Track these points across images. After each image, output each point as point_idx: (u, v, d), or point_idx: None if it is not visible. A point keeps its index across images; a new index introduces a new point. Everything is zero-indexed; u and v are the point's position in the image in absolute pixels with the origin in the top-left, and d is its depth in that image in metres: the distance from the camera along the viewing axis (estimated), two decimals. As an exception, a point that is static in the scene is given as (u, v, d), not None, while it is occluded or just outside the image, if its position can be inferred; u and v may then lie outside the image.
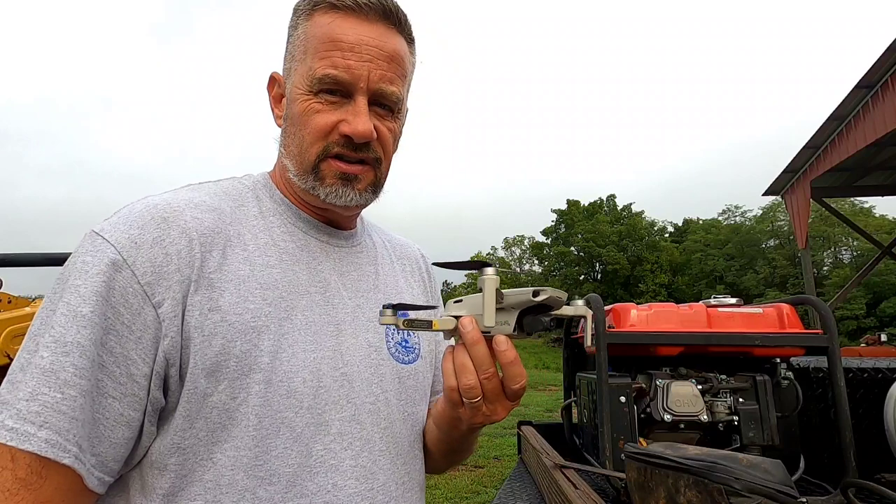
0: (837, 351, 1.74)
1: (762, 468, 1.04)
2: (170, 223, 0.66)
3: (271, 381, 0.67)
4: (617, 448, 1.68)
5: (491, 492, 5.23)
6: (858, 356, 2.96)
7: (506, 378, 0.65)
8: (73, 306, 0.59)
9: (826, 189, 10.26)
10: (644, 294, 39.89)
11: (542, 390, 13.79)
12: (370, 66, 0.72)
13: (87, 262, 0.62)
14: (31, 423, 0.55)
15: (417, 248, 1.04)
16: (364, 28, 0.73)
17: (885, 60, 6.85)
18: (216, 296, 0.66)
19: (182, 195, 0.72)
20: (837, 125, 8.28)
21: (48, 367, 0.57)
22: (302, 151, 0.75)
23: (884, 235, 24.10)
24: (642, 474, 1.19)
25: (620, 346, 1.83)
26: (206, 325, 0.65)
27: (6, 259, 2.13)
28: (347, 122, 0.72)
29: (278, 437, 0.67)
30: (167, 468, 0.64)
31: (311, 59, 0.73)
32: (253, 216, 0.76)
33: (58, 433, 0.56)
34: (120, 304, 0.61)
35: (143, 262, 0.63)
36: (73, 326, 0.58)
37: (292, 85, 0.76)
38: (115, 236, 0.64)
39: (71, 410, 0.57)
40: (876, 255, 11.56)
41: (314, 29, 0.74)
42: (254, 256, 0.72)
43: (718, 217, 48.12)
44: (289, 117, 0.77)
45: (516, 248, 52.91)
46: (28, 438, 0.55)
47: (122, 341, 0.61)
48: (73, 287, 0.60)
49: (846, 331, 29.31)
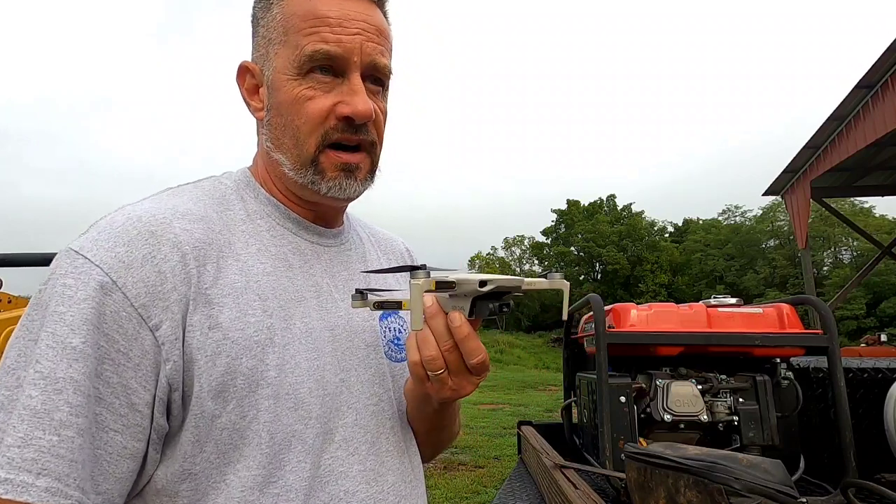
0: (837, 351, 1.74)
1: (762, 468, 1.04)
2: (159, 237, 0.61)
3: (279, 395, 0.65)
4: (617, 448, 1.68)
5: (491, 492, 5.23)
6: (858, 356, 2.96)
7: (464, 354, 0.64)
8: (60, 337, 0.54)
9: (826, 189, 10.27)
10: (644, 294, 39.89)
11: (542, 390, 13.80)
12: (361, 38, 0.68)
13: (69, 285, 0.56)
14: (27, 471, 0.51)
15: (402, 241, 1.01)
16: (347, 3, 0.69)
17: (885, 60, 6.85)
18: (215, 312, 0.62)
19: (165, 203, 0.66)
20: (837, 125, 8.28)
21: (40, 408, 0.52)
22: (298, 143, 0.70)
23: (884, 235, 24.09)
24: (642, 474, 1.19)
25: (620, 346, 1.83)
26: (209, 344, 0.61)
27: (6, 259, 2.13)
28: (345, 103, 0.68)
29: (290, 451, 0.65)
30: (178, 495, 0.61)
31: (295, 39, 0.68)
32: (240, 220, 0.72)
33: (58, 479, 0.51)
34: (113, 330, 0.57)
35: (134, 283, 0.58)
36: (62, 360, 0.53)
37: (274, 71, 0.71)
38: (99, 255, 0.58)
39: (69, 453, 0.52)
40: (876, 255, 11.57)
41: (292, 7, 0.69)
42: (248, 266, 0.68)
43: (718, 217, 48.12)
44: (274, 107, 0.72)
45: (516, 248, 52.93)
46: (26, 489, 0.50)
47: (120, 370, 0.57)
48: (57, 315, 0.55)
49: (846, 331, 29.30)
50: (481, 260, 52.09)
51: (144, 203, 0.66)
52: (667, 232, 50.31)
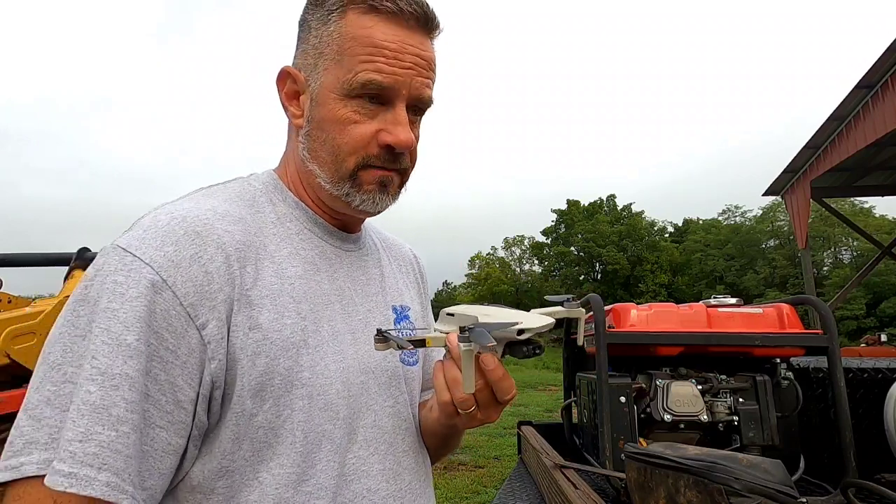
0: (837, 351, 1.74)
1: (762, 468, 1.04)
2: (204, 238, 0.63)
3: (312, 395, 0.67)
4: (617, 448, 1.68)
5: (491, 492, 5.23)
6: (858, 356, 2.96)
7: (497, 392, 0.67)
8: (115, 334, 0.55)
9: (826, 189, 10.27)
10: (644, 294, 39.89)
11: (542, 390, 13.80)
12: (412, 73, 0.71)
13: (119, 282, 0.57)
14: (90, 465, 0.52)
15: (409, 248, 1.04)
16: (405, 34, 0.71)
17: (885, 60, 6.85)
18: (255, 314, 0.64)
19: (203, 204, 0.68)
20: (837, 125, 8.28)
21: (98, 404, 0.53)
22: (337, 160, 0.72)
23: (884, 235, 24.09)
24: (642, 474, 1.19)
25: (620, 346, 1.83)
26: (249, 344, 0.63)
27: (6, 259, 2.13)
28: (388, 132, 0.71)
29: (321, 450, 0.67)
30: (214, 491, 0.62)
31: (349, 62, 0.69)
32: (271, 222, 0.73)
33: (116, 474, 0.53)
34: (164, 328, 0.58)
35: (184, 283, 0.59)
36: (118, 357, 0.54)
37: (320, 85, 0.72)
38: (148, 254, 0.59)
39: (125, 448, 0.54)
40: (876, 255, 11.56)
41: (351, 29, 0.70)
42: (282, 268, 0.70)
43: (718, 217, 48.10)
44: (315, 119, 0.73)
45: (516, 248, 52.91)
46: (90, 483, 0.52)
47: (168, 367, 0.58)
48: (110, 311, 0.56)
49: (846, 331, 29.30)
50: (481, 260, 52.09)
51: (184, 203, 0.68)
52: (667, 232, 50.28)
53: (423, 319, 0.95)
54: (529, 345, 0.66)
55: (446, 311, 0.71)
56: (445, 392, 0.68)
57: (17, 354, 1.64)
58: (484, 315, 0.67)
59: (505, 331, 0.64)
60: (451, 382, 0.68)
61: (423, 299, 0.99)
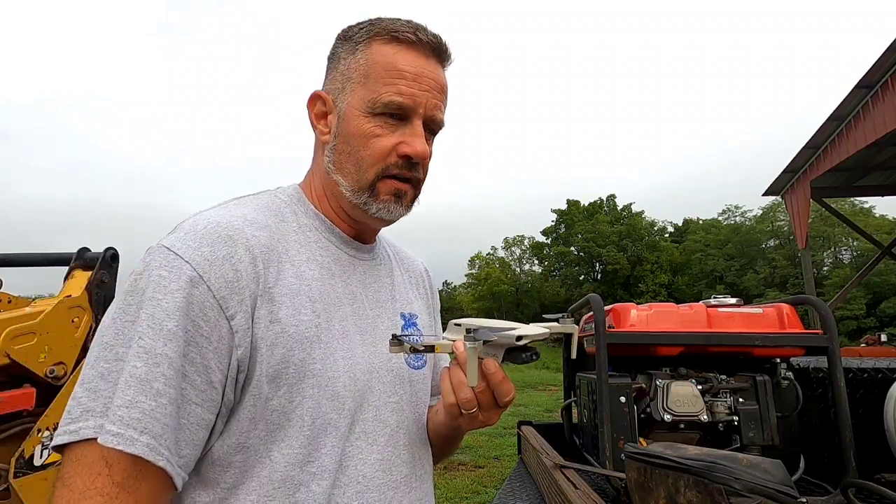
0: (837, 351, 1.74)
1: (762, 468, 1.04)
2: (235, 241, 0.72)
3: (321, 385, 0.74)
4: (617, 448, 1.68)
5: (491, 492, 5.23)
6: (858, 356, 2.96)
7: (497, 395, 0.76)
8: (158, 320, 0.64)
9: (826, 189, 10.27)
10: (644, 294, 39.88)
11: (542, 390, 13.79)
12: (428, 95, 0.81)
13: (163, 276, 0.66)
14: (134, 428, 0.60)
15: (421, 262, 1.12)
16: (423, 61, 0.81)
17: (885, 60, 6.85)
18: (276, 309, 0.72)
19: (235, 212, 0.77)
20: (837, 125, 8.28)
21: (143, 377, 0.62)
22: (360, 170, 0.81)
23: (884, 235, 24.09)
24: (642, 474, 1.19)
25: (620, 346, 1.83)
26: (269, 335, 0.71)
27: (6, 259, 2.13)
28: (407, 144, 0.80)
29: (327, 436, 0.74)
30: (232, 465, 0.70)
31: (373, 84, 0.79)
32: (293, 231, 0.82)
33: (154, 438, 0.61)
34: (199, 317, 0.66)
35: (217, 279, 0.68)
36: (160, 339, 0.63)
37: (347, 105, 0.81)
38: (188, 253, 0.68)
39: (164, 417, 0.62)
40: (876, 255, 11.56)
41: (376, 56, 0.80)
42: (301, 270, 0.78)
43: (718, 217, 48.09)
44: (342, 135, 0.82)
45: (516, 248, 52.89)
46: (133, 443, 0.60)
47: (203, 352, 0.67)
48: (153, 300, 0.65)
49: (846, 331, 29.30)
50: (481, 260, 52.06)
51: (219, 210, 0.77)
52: (667, 232, 50.27)
53: (431, 329, 1.04)
54: (527, 351, 0.74)
55: (454, 322, 0.79)
56: (451, 394, 0.76)
57: (17, 354, 1.64)
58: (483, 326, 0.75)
59: (504, 336, 0.71)
60: (457, 385, 0.76)
61: (430, 311, 1.07)
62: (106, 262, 2.01)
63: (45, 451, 1.71)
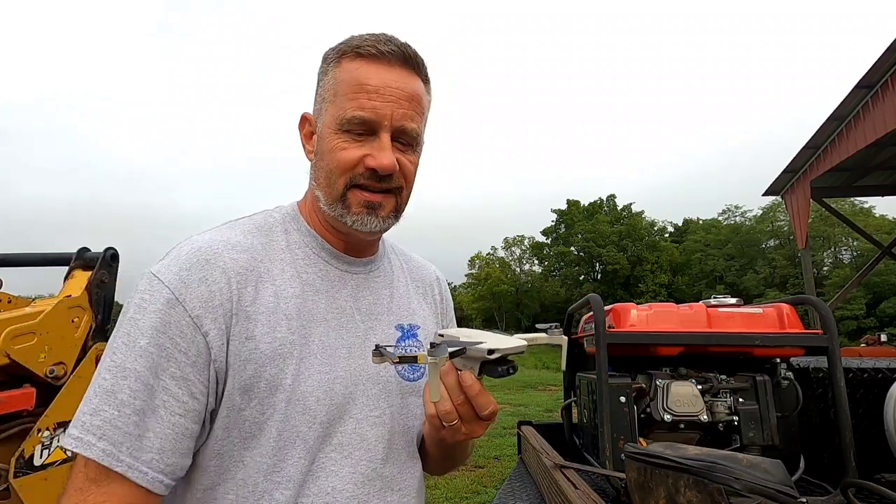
0: (837, 351, 1.74)
1: (762, 468, 1.04)
2: (212, 264, 0.76)
3: (291, 399, 0.77)
4: (617, 448, 1.68)
5: (491, 492, 5.23)
6: (858, 356, 2.96)
7: (476, 407, 0.75)
8: (132, 338, 0.70)
9: (826, 189, 10.26)
10: (644, 294, 39.89)
11: (542, 390, 13.79)
12: (393, 106, 0.80)
13: (145, 299, 0.72)
14: (93, 434, 0.66)
15: (434, 270, 1.12)
16: (386, 72, 0.81)
17: (885, 60, 6.85)
18: (251, 326, 0.76)
19: (221, 236, 0.81)
20: (837, 125, 8.28)
21: (109, 388, 0.68)
22: (330, 183, 0.83)
23: (884, 235, 24.09)
24: (642, 474, 1.19)
25: (620, 346, 1.83)
26: (243, 351, 0.75)
27: (6, 259, 2.12)
28: (373, 157, 0.80)
29: (294, 447, 0.77)
30: (208, 468, 0.75)
31: (340, 101, 0.81)
32: (280, 249, 0.85)
33: (113, 445, 0.66)
34: (176, 335, 0.71)
35: (192, 299, 0.73)
36: (130, 355, 0.69)
37: (323, 124, 0.84)
38: (168, 277, 0.74)
39: (125, 426, 0.67)
40: (876, 255, 11.56)
41: (342, 74, 0.82)
42: (281, 289, 0.81)
43: (718, 217, 48.11)
44: (319, 152, 0.85)
45: (516, 248, 52.88)
46: (90, 447, 0.66)
47: (181, 366, 0.71)
48: (132, 321, 0.71)
49: (846, 331, 29.31)
50: (481, 260, 52.06)
51: (205, 235, 0.82)
52: (667, 232, 50.28)
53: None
54: (503, 364, 0.72)
55: (438, 332, 0.79)
56: (430, 405, 0.77)
57: (17, 354, 1.64)
58: (466, 336, 0.74)
59: (475, 349, 0.70)
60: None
61: (439, 319, 1.07)
62: (106, 262, 2.01)
63: (44, 451, 1.71)
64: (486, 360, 0.71)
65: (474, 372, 0.73)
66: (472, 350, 0.70)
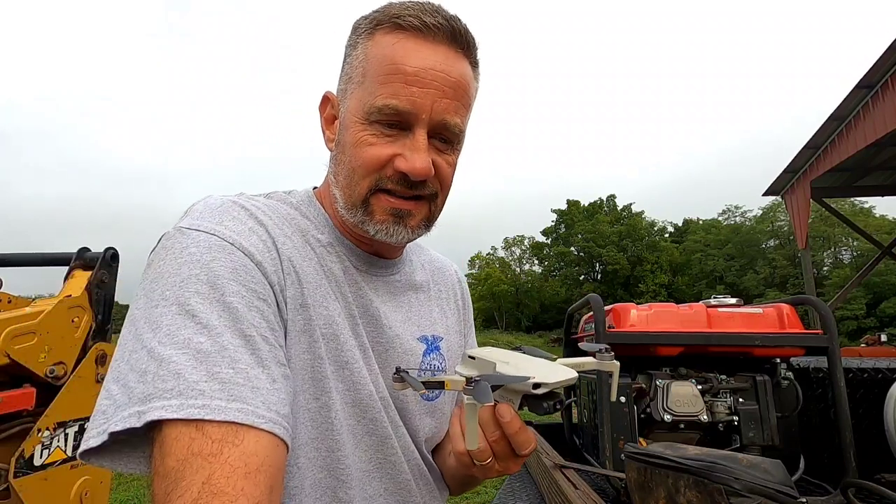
0: (837, 351, 1.74)
1: (762, 468, 1.04)
2: (255, 216, 0.66)
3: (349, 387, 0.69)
4: (617, 448, 1.68)
5: (491, 492, 5.23)
6: (858, 356, 2.96)
7: (514, 445, 0.63)
8: (203, 294, 0.56)
9: (826, 189, 10.27)
10: (644, 294, 39.91)
11: (542, 390, 13.77)
12: (434, 95, 0.66)
13: (193, 253, 0.59)
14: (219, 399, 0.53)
15: (455, 270, 1.00)
16: (429, 52, 0.66)
17: (886, 60, 6.85)
18: (303, 292, 0.66)
19: (246, 199, 0.70)
20: (837, 125, 8.28)
21: (209, 350, 0.54)
22: (351, 184, 0.70)
23: (884, 235, 24.09)
24: (642, 474, 1.19)
25: (620, 346, 1.83)
26: (296, 320, 0.65)
27: (6, 259, 2.12)
28: (404, 158, 0.66)
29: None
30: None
31: (370, 84, 0.67)
32: (300, 235, 0.73)
33: (245, 403, 0.54)
34: (249, 281, 0.60)
35: (251, 245, 0.62)
36: (213, 312, 0.56)
37: (346, 109, 0.70)
38: (215, 228, 0.62)
39: (247, 382, 0.55)
40: (876, 255, 11.56)
41: (375, 49, 0.67)
42: (309, 276, 0.70)
43: (718, 217, 48.13)
44: (340, 143, 0.71)
45: (516, 248, 52.88)
46: (222, 411, 0.53)
47: (265, 314, 0.60)
48: (193, 277, 0.57)
49: (846, 331, 29.31)
50: (481, 260, 52.06)
51: (227, 196, 0.69)
52: (667, 232, 50.31)
53: (460, 349, 0.91)
54: (550, 399, 0.59)
55: (468, 354, 0.67)
56: (460, 441, 0.66)
57: (17, 354, 1.64)
58: (503, 363, 0.62)
59: (519, 385, 0.58)
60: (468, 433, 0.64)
61: (462, 326, 0.95)
62: (106, 262, 2.01)
63: (44, 450, 1.71)
64: (530, 394, 0.59)
65: (514, 405, 0.60)
66: (516, 387, 0.59)
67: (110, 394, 0.54)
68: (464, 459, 0.66)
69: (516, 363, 0.62)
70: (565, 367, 0.62)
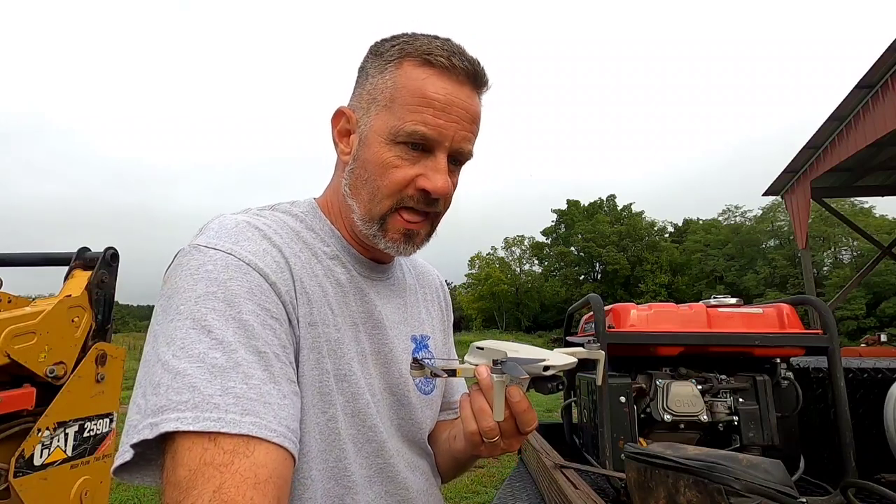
0: (837, 351, 1.74)
1: (762, 468, 1.04)
2: (267, 237, 0.71)
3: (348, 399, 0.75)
4: (617, 448, 1.68)
5: (491, 492, 5.23)
6: (858, 356, 2.96)
7: (520, 423, 0.71)
8: (219, 312, 0.61)
9: (826, 189, 10.27)
10: (644, 294, 39.92)
11: (542, 390, 13.77)
12: (456, 127, 0.75)
13: (210, 270, 0.63)
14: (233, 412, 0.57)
15: (437, 275, 1.08)
16: (455, 89, 0.75)
17: (885, 60, 6.85)
18: (313, 311, 0.72)
19: (256, 217, 0.75)
20: (837, 125, 8.28)
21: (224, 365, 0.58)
22: (373, 200, 0.77)
23: (884, 235, 24.10)
24: (642, 474, 1.19)
25: (620, 346, 1.82)
26: (308, 337, 0.70)
27: (6, 259, 2.12)
28: (427, 178, 0.75)
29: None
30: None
31: (399, 110, 0.74)
32: (306, 245, 0.79)
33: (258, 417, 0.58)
34: (264, 301, 0.65)
35: (264, 266, 0.67)
36: (229, 328, 0.60)
37: (370, 129, 0.77)
38: (231, 248, 0.66)
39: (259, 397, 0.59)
40: (876, 255, 11.57)
41: (404, 80, 0.75)
42: (321, 283, 0.76)
43: (718, 217, 48.13)
44: (360, 159, 0.78)
45: (516, 248, 52.86)
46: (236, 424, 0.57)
47: (278, 332, 0.65)
48: (210, 294, 0.61)
49: (846, 331, 29.32)
50: (481, 260, 52.04)
51: (238, 214, 0.75)
52: (667, 232, 50.30)
53: (444, 349, 1.00)
54: (553, 381, 0.70)
55: (476, 345, 0.76)
56: (472, 422, 0.72)
57: (17, 354, 1.64)
58: (513, 351, 0.71)
59: (532, 366, 0.68)
60: (478, 413, 0.71)
61: (444, 327, 1.03)
62: (106, 262, 2.01)
63: (44, 450, 1.71)
64: (539, 376, 0.70)
65: (522, 388, 0.71)
66: (528, 367, 0.68)
67: (137, 408, 0.58)
68: (474, 439, 0.73)
69: (522, 351, 0.72)
70: (565, 354, 0.73)
